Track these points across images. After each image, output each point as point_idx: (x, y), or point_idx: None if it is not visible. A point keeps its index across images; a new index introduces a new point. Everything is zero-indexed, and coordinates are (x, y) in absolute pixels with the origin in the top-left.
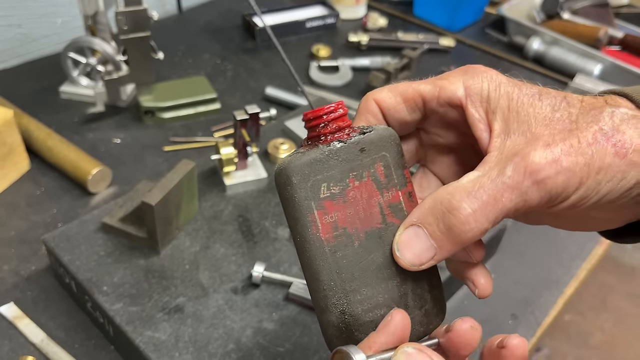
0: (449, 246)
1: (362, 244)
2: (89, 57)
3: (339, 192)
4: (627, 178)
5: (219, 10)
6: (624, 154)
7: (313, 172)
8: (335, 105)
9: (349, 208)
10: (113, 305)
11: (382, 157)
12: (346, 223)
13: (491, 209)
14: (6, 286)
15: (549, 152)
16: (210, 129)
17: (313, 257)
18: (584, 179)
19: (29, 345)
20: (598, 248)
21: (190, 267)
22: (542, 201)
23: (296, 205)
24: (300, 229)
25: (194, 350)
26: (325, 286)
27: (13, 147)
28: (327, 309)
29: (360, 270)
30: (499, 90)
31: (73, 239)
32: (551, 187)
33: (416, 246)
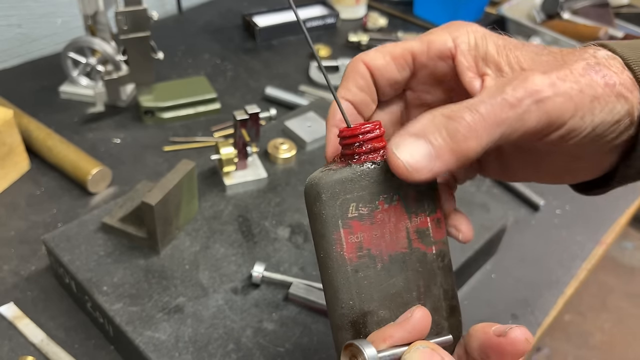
0: (448, 156)
1: (385, 266)
2: (89, 57)
3: (367, 213)
4: (617, 109)
5: (219, 10)
6: (613, 85)
7: (343, 190)
8: (372, 126)
9: (375, 230)
10: (113, 305)
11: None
12: (371, 244)
13: (490, 122)
14: (6, 286)
15: (546, 77)
16: (210, 129)
17: (334, 275)
18: (579, 105)
19: (28, 345)
20: (598, 248)
21: (190, 267)
22: (540, 124)
23: (323, 221)
24: (325, 245)
25: (193, 351)
26: (344, 304)
27: (13, 147)
28: (344, 327)
29: (380, 292)
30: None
31: (73, 239)
32: (550, 108)
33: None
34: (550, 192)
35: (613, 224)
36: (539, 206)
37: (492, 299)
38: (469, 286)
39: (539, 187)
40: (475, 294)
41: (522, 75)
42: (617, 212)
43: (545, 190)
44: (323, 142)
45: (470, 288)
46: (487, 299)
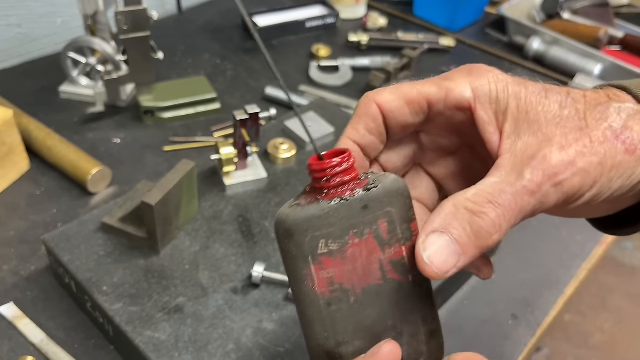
0: (472, 251)
1: (359, 299)
2: (89, 57)
3: (338, 249)
4: (637, 173)
5: (219, 10)
6: (633, 150)
7: (312, 228)
8: (340, 159)
9: (347, 265)
10: (113, 305)
11: (386, 213)
12: (343, 279)
13: (512, 212)
14: (6, 286)
15: (564, 154)
16: (210, 129)
17: (307, 309)
18: (598, 178)
19: (28, 345)
20: (598, 248)
21: (190, 267)
22: (559, 202)
23: (293, 258)
24: (296, 282)
25: (193, 351)
26: (319, 336)
27: (13, 147)
28: (320, 357)
29: (354, 324)
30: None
31: (73, 239)
32: (568, 189)
33: (443, 252)
34: None
35: None
36: None
37: (492, 299)
38: (469, 286)
39: None
40: (475, 294)
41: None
42: None
43: None
44: (323, 142)
45: (470, 288)
46: (487, 299)
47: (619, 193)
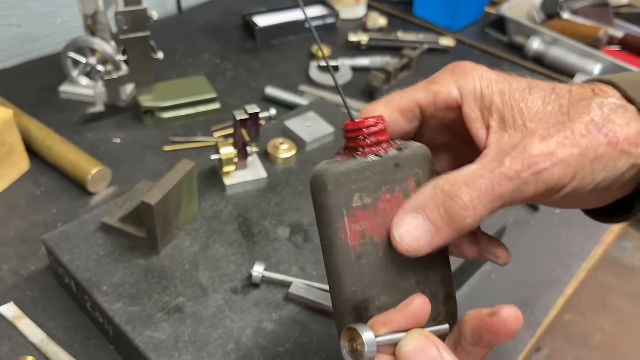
0: (446, 232)
1: (387, 254)
2: (89, 57)
3: (371, 203)
4: (619, 166)
5: (219, 10)
6: (616, 143)
7: (348, 181)
8: (375, 120)
9: (378, 219)
10: (113, 305)
11: (415, 173)
12: (374, 233)
13: (489, 197)
14: (6, 286)
15: (545, 144)
16: (210, 129)
17: (339, 262)
18: (579, 169)
19: (28, 345)
20: (598, 248)
21: (190, 267)
22: (540, 192)
23: (328, 211)
24: (329, 234)
25: (193, 351)
26: (347, 290)
27: (13, 147)
28: (346, 311)
29: (381, 279)
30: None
31: (73, 239)
32: (548, 179)
33: (416, 233)
34: None
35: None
36: (538, 206)
37: (491, 299)
38: (468, 287)
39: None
40: (475, 295)
41: (522, 145)
42: None
43: None
44: (323, 142)
45: (470, 288)
46: (487, 299)
47: (604, 185)
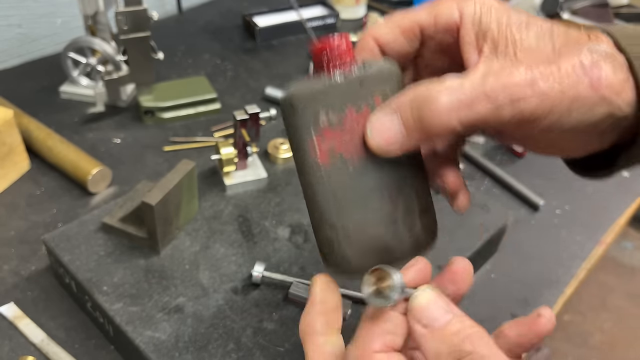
0: (416, 135)
1: (357, 169)
2: (89, 57)
3: (337, 120)
4: (597, 110)
5: (219, 10)
6: (598, 87)
7: (314, 101)
8: (339, 40)
9: (345, 135)
10: (113, 305)
11: (381, 90)
12: (342, 149)
13: (464, 110)
14: (6, 286)
15: (528, 73)
16: (210, 129)
17: (311, 180)
18: (557, 105)
19: (29, 345)
20: (598, 248)
21: (190, 267)
22: (514, 119)
23: (297, 131)
24: (300, 154)
25: (194, 350)
26: (321, 206)
27: (13, 147)
28: (322, 227)
29: (354, 194)
30: (490, 14)
31: (73, 239)
32: (524, 107)
33: (387, 131)
34: (550, 192)
35: (613, 223)
36: (538, 206)
37: (491, 298)
38: None
39: (538, 187)
40: (475, 294)
41: (507, 70)
42: (616, 212)
43: (545, 191)
44: None
45: (470, 288)
46: (487, 299)
47: (579, 127)
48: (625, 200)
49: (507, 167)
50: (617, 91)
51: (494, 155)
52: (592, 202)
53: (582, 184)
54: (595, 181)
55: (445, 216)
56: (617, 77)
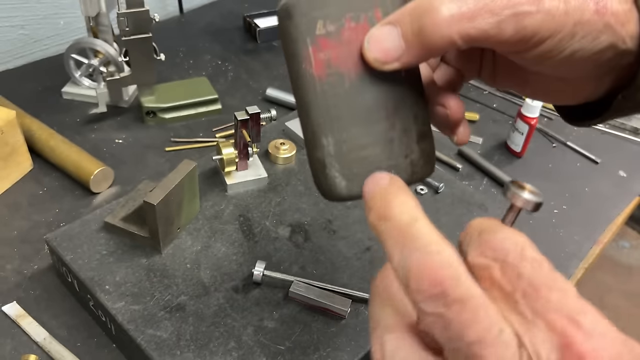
0: (415, 49)
1: (354, 84)
2: (91, 58)
3: (335, 30)
4: (601, 39)
5: (220, 12)
6: (604, 13)
7: (311, 7)
8: None
9: (343, 47)
10: (115, 304)
11: (381, 2)
12: (339, 62)
13: (466, 23)
14: (9, 285)
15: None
16: (211, 129)
17: (305, 93)
18: (560, 27)
19: (31, 343)
20: (595, 248)
21: (192, 266)
22: (515, 37)
23: (293, 40)
24: (295, 65)
25: (195, 349)
26: (315, 122)
27: (16, 147)
28: (315, 144)
29: (349, 110)
30: None
31: (75, 238)
32: (528, 23)
33: (385, 43)
34: (547, 193)
35: (610, 223)
36: None
37: None
38: None
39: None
40: None
41: None
42: (614, 212)
43: (542, 190)
44: None
45: None
46: None
47: (581, 55)
48: (622, 199)
49: (505, 167)
50: (622, 21)
51: (492, 156)
52: (590, 202)
53: (579, 184)
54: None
55: (444, 216)
56: (622, 6)
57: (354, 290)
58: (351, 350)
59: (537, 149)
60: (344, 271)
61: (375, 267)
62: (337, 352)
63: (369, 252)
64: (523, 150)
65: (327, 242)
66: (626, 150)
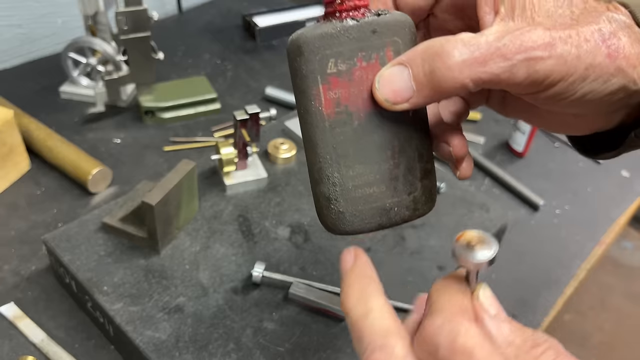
0: (426, 91)
1: (362, 124)
2: (89, 57)
3: (346, 69)
4: (612, 81)
5: (219, 11)
6: (615, 57)
7: (323, 46)
8: None
9: (353, 87)
10: (113, 305)
11: (393, 41)
12: (349, 101)
13: (477, 67)
14: (6, 286)
15: (547, 34)
16: (211, 129)
17: (313, 130)
18: (572, 70)
19: (29, 345)
20: (597, 248)
21: (191, 267)
22: (527, 81)
23: (303, 76)
24: (304, 101)
25: (194, 350)
26: (321, 159)
27: (13, 147)
28: (321, 180)
29: (356, 148)
30: None
31: (73, 238)
32: (539, 68)
33: (396, 83)
34: (549, 192)
35: (612, 223)
36: (538, 206)
37: None
38: None
39: (538, 187)
40: None
41: (525, 29)
42: (616, 212)
43: (544, 191)
44: None
45: None
46: None
47: (591, 97)
48: (625, 200)
49: (507, 167)
50: (633, 64)
51: (494, 155)
52: (592, 202)
53: (581, 184)
54: (597, 180)
55: (445, 216)
56: (634, 49)
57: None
58: (351, 352)
59: (539, 148)
60: None
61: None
62: (337, 354)
63: (369, 252)
64: (525, 150)
65: (327, 242)
66: None
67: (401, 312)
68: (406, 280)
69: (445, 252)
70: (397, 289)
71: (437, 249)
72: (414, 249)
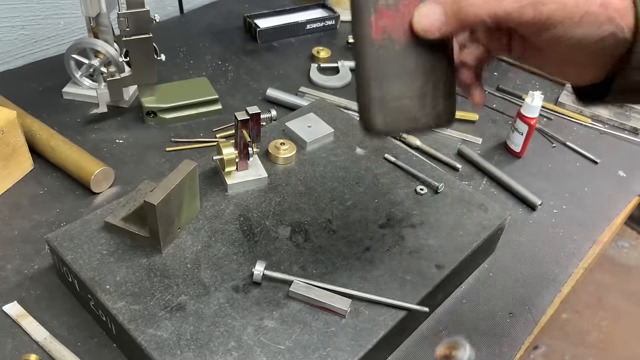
0: (453, 23)
1: (402, 48)
2: (92, 59)
3: (393, 3)
4: (604, 27)
5: (220, 12)
6: (607, 6)
7: None
8: None
9: (397, 18)
10: (115, 304)
11: None
12: (392, 29)
13: (494, 5)
14: (10, 285)
15: None
16: (212, 129)
17: (363, 52)
18: (571, 15)
19: (32, 343)
20: (595, 247)
21: (192, 266)
22: (533, 20)
23: (361, 9)
24: (359, 29)
25: (195, 348)
26: (368, 74)
27: (16, 147)
28: (365, 91)
29: (395, 67)
30: None
31: (76, 238)
32: (543, 10)
33: (431, 17)
34: (547, 192)
35: (610, 223)
36: (536, 206)
37: (490, 297)
38: (467, 285)
39: (536, 187)
40: (474, 293)
41: None
42: (613, 212)
43: (542, 190)
44: (323, 142)
45: (469, 286)
46: (485, 297)
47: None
48: (622, 199)
49: (505, 167)
50: (622, 15)
51: (492, 156)
52: (589, 202)
53: (579, 184)
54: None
55: (444, 216)
56: (622, 3)
57: (354, 290)
58: (351, 349)
59: (536, 149)
60: (344, 271)
61: (375, 267)
62: (337, 352)
63: (369, 252)
64: (523, 151)
65: (327, 242)
66: (625, 150)
67: (400, 310)
68: (405, 279)
69: (443, 251)
70: (396, 288)
71: (435, 248)
72: (413, 248)
